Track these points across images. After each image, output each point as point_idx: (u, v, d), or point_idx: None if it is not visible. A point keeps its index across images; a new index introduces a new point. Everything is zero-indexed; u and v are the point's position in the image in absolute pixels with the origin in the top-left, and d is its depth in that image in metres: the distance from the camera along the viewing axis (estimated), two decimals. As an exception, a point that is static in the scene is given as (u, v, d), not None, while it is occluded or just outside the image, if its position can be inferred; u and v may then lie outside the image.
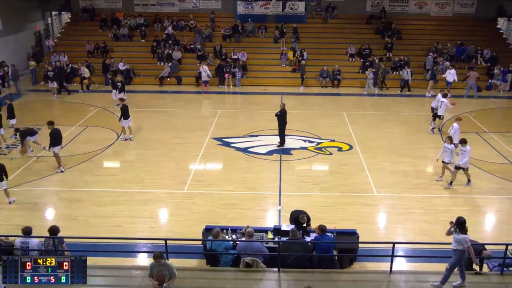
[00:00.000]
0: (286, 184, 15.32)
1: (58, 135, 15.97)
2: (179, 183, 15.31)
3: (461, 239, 9.08)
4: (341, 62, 28.16)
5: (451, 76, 25.26)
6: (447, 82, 25.50)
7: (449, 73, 25.36)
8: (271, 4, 30.82)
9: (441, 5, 32.19)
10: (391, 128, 20.69)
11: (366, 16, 32.26)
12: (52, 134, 15.82)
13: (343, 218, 13.13)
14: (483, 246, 9.96)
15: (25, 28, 31.02)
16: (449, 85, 25.48)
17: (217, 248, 10.18)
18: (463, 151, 14.75)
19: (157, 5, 32.91)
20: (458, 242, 9.13)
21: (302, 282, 9.49)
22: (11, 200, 13.97)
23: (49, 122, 16.08)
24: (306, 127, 20.55)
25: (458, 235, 9.13)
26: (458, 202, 14.26)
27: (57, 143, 15.92)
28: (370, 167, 16.54)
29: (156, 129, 20.45)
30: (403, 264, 11.36)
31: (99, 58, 29.24)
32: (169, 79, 27.91)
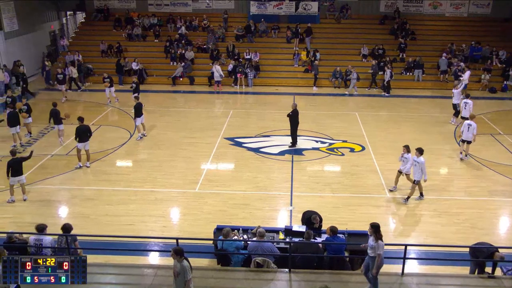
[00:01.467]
0: (298, 185, 15.30)
1: (82, 132, 16.32)
2: (190, 183, 15.37)
3: (375, 245, 8.81)
4: (354, 63, 28.01)
5: (468, 78, 24.43)
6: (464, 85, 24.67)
7: (467, 74, 24.65)
8: (284, 4, 30.77)
9: (456, 5, 31.83)
10: (404, 129, 20.53)
11: (380, 17, 32.01)
12: (77, 130, 16.34)
13: (354, 219, 13.07)
14: (496, 248, 9.84)
15: (40, 27, 31.37)
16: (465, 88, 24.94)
17: (228, 248, 10.20)
18: (416, 162, 13.54)
19: (170, 5, 33.04)
20: (373, 249, 8.87)
21: (313, 282, 9.48)
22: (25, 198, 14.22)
23: (79, 118, 16.68)
24: (318, 128, 20.50)
25: (374, 242, 8.83)
26: (471, 204, 14.09)
27: (80, 139, 16.27)
28: (382, 168, 16.44)
29: (169, 128, 20.55)
30: (415, 267, 11.27)
31: (112, 58, 29.51)
32: (181, 79, 28.03)
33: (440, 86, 26.98)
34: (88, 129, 16.47)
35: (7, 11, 27.32)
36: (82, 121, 16.57)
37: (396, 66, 28.45)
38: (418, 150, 13.57)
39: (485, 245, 10.01)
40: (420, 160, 13.43)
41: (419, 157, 13.47)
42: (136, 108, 18.85)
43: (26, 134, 19.14)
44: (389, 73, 25.95)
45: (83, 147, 16.41)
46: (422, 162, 13.41)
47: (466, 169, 16.61)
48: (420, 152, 13.53)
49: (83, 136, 16.30)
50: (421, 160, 13.42)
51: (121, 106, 23.53)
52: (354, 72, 26.26)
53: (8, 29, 27.44)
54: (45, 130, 20.03)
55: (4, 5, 26.95)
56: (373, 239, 8.90)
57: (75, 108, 23.54)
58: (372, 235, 8.94)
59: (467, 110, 19.21)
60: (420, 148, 13.66)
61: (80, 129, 16.31)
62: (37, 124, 20.10)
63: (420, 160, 13.43)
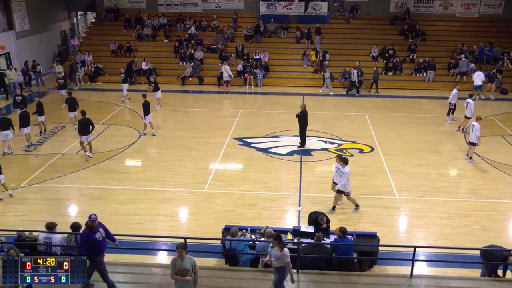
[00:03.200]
0: (306, 185, 15.26)
1: (85, 125, 16.84)
2: (199, 182, 15.39)
3: (281, 255, 8.57)
4: (363, 63, 27.92)
5: (478, 79, 24.25)
6: (475, 86, 24.35)
7: (477, 75, 24.33)
8: (294, 4, 30.73)
9: (467, 5, 31.59)
10: (413, 130, 20.41)
11: (390, 17, 31.86)
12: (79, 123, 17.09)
13: (363, 220, 13.03)
14: (509, 252, 9.72)
15: (51, 27, 31.66)
16: (479, 89, 24.64)
17: (236, 247, 10.21)
18: (341, 172, 12.89)
19: (180, 5, 33.16)
20: (279, 258, 8.62)
21: (321, 283, 9.46)
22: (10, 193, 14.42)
23: (81, 111, 17.41)
24: (327, 128, 20.45)
25: (279, 252, 8.56)
26: (481, 207, 13.96)
27: (83, 132, 16.82)
28: (391, 169, 16.36)
29: (178, 128, 20.61)
30: (424, 269, 11.18)
31: (122, 57, 29.68)
32: (191, 79, 28.11)
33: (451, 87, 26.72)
34: (89, 122, 16.93)
35: (18, 11, 27.63)
36: (84, 114, 17.10)
37: (406, 67, 28.32)
38: (343, 160, 12.94)
39: (496, 248, 9.91)
40: (344, 170, 12.82)
41: (344, 167, 12.86)
42: (145, 106, 19.08)
43: (37, 134, 19.27)
44: (356, 74, 25.94)
45: (85, 139, 17.01)
46: (346, 172, 12.80)
47: (476, 171, 16.47)
48: (345, 162, 12.89)
49: (85, 128, 16.81)
50: (346, 171, 12.82)
51: (131, 105, 23.61)
52: (328, 72, 26.34)
53: (20, 29, 27.76)
54: (55, 129, 20.19)
55: (15, 5, 27.25)
56: (277, 250, 8.56)
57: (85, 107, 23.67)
58: (276, 246, 8.58)
59: (468, 110, 19.41)
60: (345, 158, 13.09)
61: (81, 122, 16.87)
62: (48, 123, 20.25)
63: (345, 170, 12.81)
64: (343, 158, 13.11)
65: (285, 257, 8.59)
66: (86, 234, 8.97)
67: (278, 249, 8.60)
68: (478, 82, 24.36)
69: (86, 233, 8.98)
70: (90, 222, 8.96)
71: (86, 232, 9.00)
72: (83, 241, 8.92)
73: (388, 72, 27.84)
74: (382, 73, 27.78)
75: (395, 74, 27.96)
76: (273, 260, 8.78)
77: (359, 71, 26.16)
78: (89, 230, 8.95)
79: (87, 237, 8.92)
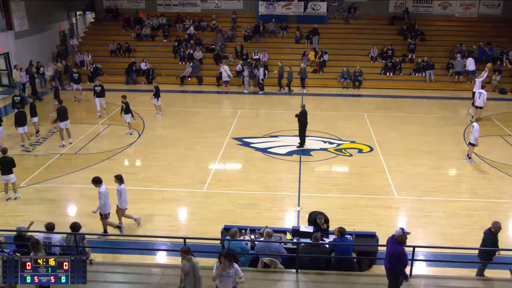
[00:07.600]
0: (306, 185, 15.26)
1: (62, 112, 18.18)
2: (198, 183, 15.39)
3: (235, 270, 8.34)
4: (362, 63, 27.92)
5: (472, 65, 26.40)
6: (470, 71, 26.42)
7: (470, 61, 26.47)
8: (293, 4, 30.73)
9: (466, 5, 31.60)
10: (412, 130, 20.41)
11: (389, 17, 31.85)
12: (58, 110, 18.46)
13: (362, 220, 13.02)
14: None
15: (50, 27, 31.58)
16: (473, 74, 26.19)
17: (234, 248, 10.21)
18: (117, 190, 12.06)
19: (179, 5, 33.14)
20: (235, 275, 8.41)
21: (321, 284, 9.46)
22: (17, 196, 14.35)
23: (58, 100, 19.68)
24: (327, 128, 20.45)
25: (232, 269, 8.32)
26: (481, 207, 13.97)
27: (61, 118, 18.10)
28: (390, 169, 16.37)
29: (177, 128, 20.60)
30: (423, 268, 11.19)
31: (121, 57, 29.67)
32: (190, 79, 28.10)
33: (452, 87, 26.80)
34: (66, 109, 18.30)
35: (17, 11, 27.57)
36: (61, 103, 18.84)
37: (405, 67, 28.31)
38: (117, 177, 12.22)
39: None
40: (121, 188, 12.16)
41: (120, 185, 12.17)
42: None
43: (34, 133, 19.26)
44: (262, 72, 26.26)
45: (64, 125, 18.24)
46: (122, 190, 12.19)
47: (475, 171, 16.48)
48: (120, 180, 12.19)
49: (64, 115, 18.09)
50: (122, 188, 12.18)
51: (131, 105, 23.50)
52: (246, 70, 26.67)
53: (19, 29, 27.70)
54: (54, 129, 20.16)
55: (14, 5, 27.20)
56: (230, 266, 8.32)
57: (84, 107, 23.71)
58: (228, 263, 8.31)
59: (481, 99, 20.30)
60: (119, 175, 12.30)
61: (60, 109, 18.20)
62: (45, 124, 20.26)
63: (121, 188, 12.17)
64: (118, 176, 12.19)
65: (239, 272, 8.35)
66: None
67: (230, 265, 8.32)
68: (472, 67, 26.32)
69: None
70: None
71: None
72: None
73: (387, 72, 27.83)
74: (381, 73, 27.85)
75: (394, 74, 27.95)
76: (225, 277, 8.38)
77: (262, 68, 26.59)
78: None
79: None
